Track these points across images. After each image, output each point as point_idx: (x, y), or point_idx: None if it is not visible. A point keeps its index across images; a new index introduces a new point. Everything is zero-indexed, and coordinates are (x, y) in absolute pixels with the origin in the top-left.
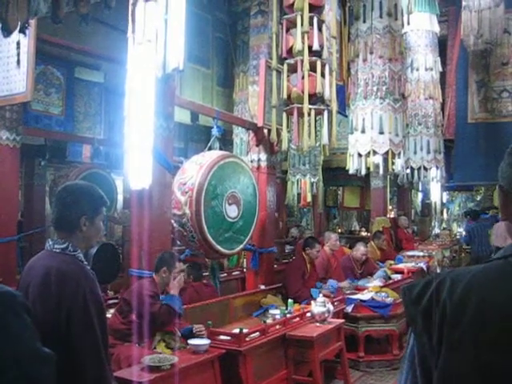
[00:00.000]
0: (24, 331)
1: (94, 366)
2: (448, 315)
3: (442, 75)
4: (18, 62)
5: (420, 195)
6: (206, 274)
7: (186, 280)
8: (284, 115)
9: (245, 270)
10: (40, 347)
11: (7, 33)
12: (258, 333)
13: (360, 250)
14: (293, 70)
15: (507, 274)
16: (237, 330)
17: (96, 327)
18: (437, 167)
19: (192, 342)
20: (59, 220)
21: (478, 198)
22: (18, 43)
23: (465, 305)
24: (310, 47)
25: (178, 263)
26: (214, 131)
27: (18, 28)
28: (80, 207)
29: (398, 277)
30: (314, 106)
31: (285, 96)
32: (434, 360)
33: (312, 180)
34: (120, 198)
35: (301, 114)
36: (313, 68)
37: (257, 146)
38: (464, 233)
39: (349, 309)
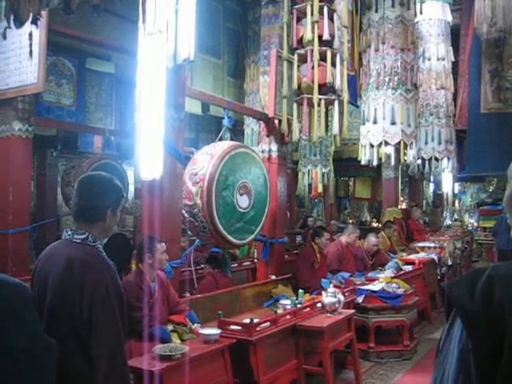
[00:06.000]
0: (36, 323)
1: (116, 355)
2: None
3: (455, 65)
4: (31, 53)
5: (431, 186)
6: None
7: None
8: (295, 105)
9: (255, 260)
10: (45, 336)
11: (19, 24)
12: (268, 323)
13: (371, 240)
14: (303, 60)
15: None
16: (247, 320)
17: (117, 317)
18: (448, 158)
19: (203, 331)
20: (84, 210)
21: (491, 188)
22: (31, 34)
23: None
24: (320, 37)
25: (160, 244)
26: (225, 122)
27: (30, 19)
28: (107, 198)
29: (409, 268)
30: (325, 96)
31: (295, 86)
32: (493, 362)
33: (323, 170)
34: (131, 188)
35: (311, 105)
36: (323, 58)
37: (268, 136)
38: (476, 224)
39: (359, 299)
